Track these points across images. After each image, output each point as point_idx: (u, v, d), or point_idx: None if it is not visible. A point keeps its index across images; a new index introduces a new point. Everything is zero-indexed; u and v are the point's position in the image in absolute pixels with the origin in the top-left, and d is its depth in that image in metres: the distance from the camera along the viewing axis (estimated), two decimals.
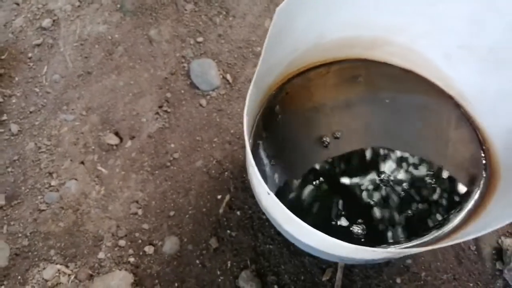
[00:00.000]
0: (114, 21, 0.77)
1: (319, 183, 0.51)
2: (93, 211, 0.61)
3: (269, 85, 0.55)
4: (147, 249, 0.58)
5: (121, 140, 0.66)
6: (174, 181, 0.63)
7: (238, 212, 0.59)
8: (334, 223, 0.48)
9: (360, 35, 0.56)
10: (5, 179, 0.64)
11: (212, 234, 0.58)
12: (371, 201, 0.50)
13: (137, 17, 0.76)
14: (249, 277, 0.54)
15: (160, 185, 0.63)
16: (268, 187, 0.50)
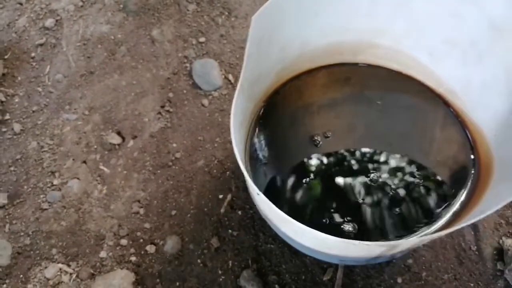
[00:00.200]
0: (117, 21, 0.77)
1: (310, 182, 0.52)
2: (95, 210, 0.62)
3: (262, 93, 0.56)
4: (149, 248, 0.58)
5: (123, 140, 0.67)
6: (175, 180, 0.63)
7: (240, 212, 0.59)
8: (326, 222, 0.49)
9: (344, 41, 0.57)
10: (7, 178, 0.65)
11: (214, 234, 0.58)
12: (362, 200, 0.50)
13: (140, 17, 0.77)
14: (250, 277, 0.55)
15: (162, 184, 0.63)
16: (262, 188, 0.52)
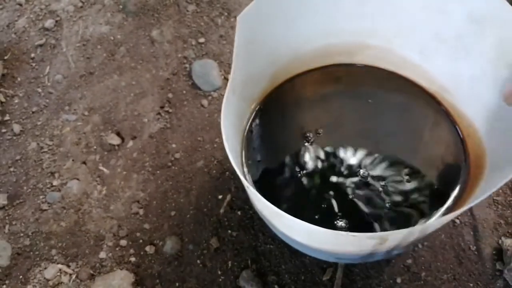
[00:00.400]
0: (117, 22, 0.77)
1: (303, 178, 0.53)
2: (94, 211, 0.62)
3: (258, 94, 0.57)
4: (148, 249, 0.58)
5: (122, 140, 0.67)
6: (175, 181, 0.63)
7: (239, 212, 0.59)
8: (318, 218, 0.50)
9: (335, 43, 0.58)
10: (7, 179, 0.65)
11: (213, 234, 0.58)
12: (353, 196, 0.51)
13: (139, 18, 0.77)
14: (249, 277, 0.55)
15: (161, 185, 0.63)
16: (261, 187, 0.52)
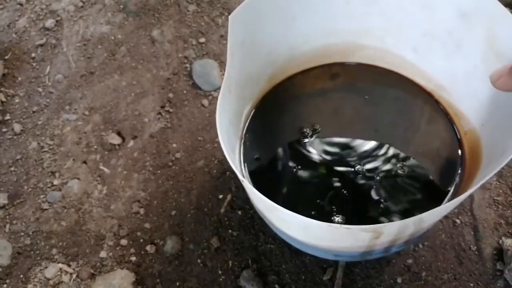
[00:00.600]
0: (117, 21, 0.77)
1: (299, 175, 0.53)
2: (95, 211, 0.62)
3: (256, 94, 0.57)
4: (149, 248, 0.58)
5: (123, 140, 0.67)
6: (175, 180, 0.63)
7: (240, 212, 0.60)
8: (316, 214, 0.50)
9: (330, 44, 0.58)
10: (8, 178, 0.65)
11: (214, 234, 0.59)
12: (350, 192, 0.51)
13: (140, 17, 0.77)
14: (250, 277, 0.55)
15: (162, 184, 0.63)
16: (260, 186, 0.52)
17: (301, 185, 0.53)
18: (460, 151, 0.53)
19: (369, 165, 0.53)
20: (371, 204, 0.50)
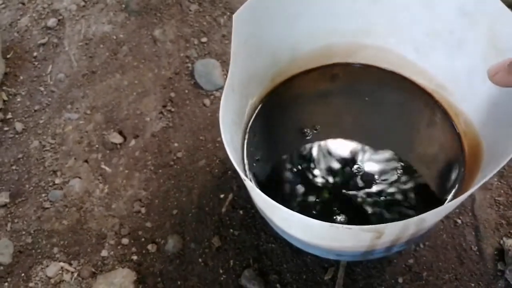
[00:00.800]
0: (119, 21, 0.77)
1: (299, 173, 0.53)
2: (96, 209, 0.62)
3: (259, 93, 0.57)
4: (150, 247, 0.59)
5: (125, 139, 0.67)
6: (177, 180, 0.63)
7: (241, 211, 0.60)
8: (317, 213, 0.50)
9: (334, 43, 0.58)
10: (9, 177, 0.65)
11: (215, 233, 0.59)
12: (351, 192, 0.51)
13: (142, 17, 0.77)
14: (251, 276, 0.55)
15: (164, 184, 0.63)
16: (261, 185, 0.52)
17: (302, 185, 0.53)
18: (460, 151, 0.54)
19: (370, 165, 0.53)
20: (372, 204, 0.51)
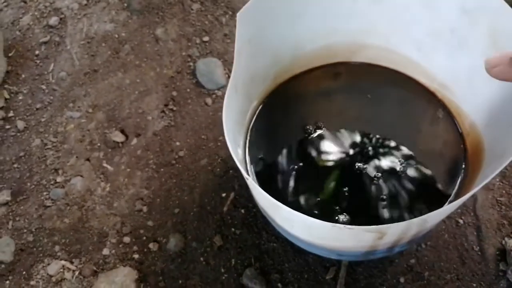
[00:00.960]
0: (121, 19, 0.77)
1: (302, 172, 0.53)
2: (98, 208, 0.62)
3: (261, 93, 0.58)
4: (152, 246, 0.59)
5: (126, 138, 0.67)
6: (179, 179, 0.63)
7: (243, 210, 0.60)
8: (320, 212, 0.50)
9: (335, 43, 0.58)
10: (11, 175, 0.65)
11: (217, 232, 0.59)
12: (353, 191, 0.51)
13: (144, 16, 0.77)
14: (253, 275, 0.55)
15: (165, 182, 0.63)
16: (263, 185, 0.52)
17: (304, 184, 0.53)
18: (463, 150, 0.54)
19: (372, 164, 0.53)
20: (374, 203, 0.51)
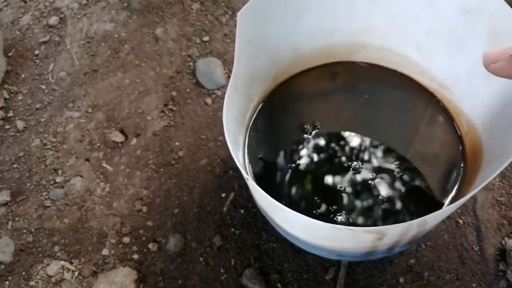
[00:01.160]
0: (121, 19, 0.77)
1: (301, 172, 0.53)
2: (97, 208, 0.62)
3: (261, 93, 0.57)
4: (151, 246, 0.59)
5: (126, 138, 0.67)
6: (178, 179, 0.63)
7: (242, 211, 0.60)
8: (319, 213, 0.50)
9: (335, 43, 0.58)
10: (10, 175, 0.65)
11: (216, 232, 0.59)
12: (351, 192, 0.51)
13: (144, 15, 0.77)
14: (252, 275, 0.55)
15: (165, 182, 0.63)
16: (263, 184, 0.52)
17: (304, 184, 0.53)
18: (461, 150, 0.54)
19: (371, 165, 0.53)
20: (373, 204, 0.51)
